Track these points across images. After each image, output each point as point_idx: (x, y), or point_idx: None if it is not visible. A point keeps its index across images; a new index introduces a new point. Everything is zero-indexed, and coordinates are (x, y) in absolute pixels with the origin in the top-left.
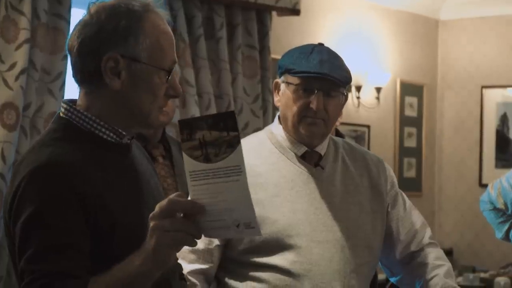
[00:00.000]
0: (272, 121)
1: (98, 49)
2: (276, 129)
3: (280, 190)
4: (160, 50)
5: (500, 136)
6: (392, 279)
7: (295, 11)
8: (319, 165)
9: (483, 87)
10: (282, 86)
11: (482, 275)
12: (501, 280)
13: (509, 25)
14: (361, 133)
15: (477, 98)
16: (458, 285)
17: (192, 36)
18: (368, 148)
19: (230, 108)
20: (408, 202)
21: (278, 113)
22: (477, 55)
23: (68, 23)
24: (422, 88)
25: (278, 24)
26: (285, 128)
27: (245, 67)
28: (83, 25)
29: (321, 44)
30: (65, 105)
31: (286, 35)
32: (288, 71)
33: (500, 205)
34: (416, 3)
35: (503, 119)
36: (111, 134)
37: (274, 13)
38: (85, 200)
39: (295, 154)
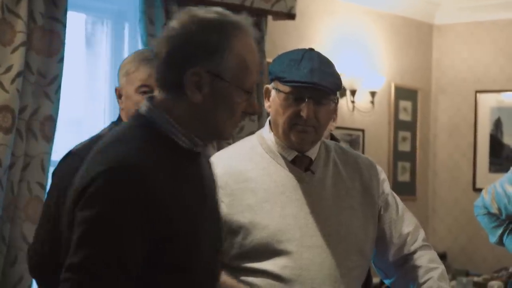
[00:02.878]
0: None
1: (184, 61)
2: (266, 134)
3: (270, 195)
4: (245, 70)
5: (494, 140)
6: (386, 282)
7: (291, 16)
8: (309, 170)
9: (477, 91)
10: (273, 93)
11: (476, 279)
12: (494, 284)
13: (503, 30)
14: (355, 137)
15: (471, 103)
16: None
17: None
18: (363, 152)
19: None
20: (401, 204)
21: (269, 118)
22: (471, 60)
23: (64, 26)
24: (416, 92)
25: (274, 28)
26: (276, 134)
27: None
28: (172, 33)
29: (311, 49)
30: (148, 104)
31: (282, 39)
32: (278, 79)
33: (494, 210)
34: (410, 8)
35: (497, 123)
36: (187, 141)
37: (269, 17)
38: (152, 208)
39: (286, 159)
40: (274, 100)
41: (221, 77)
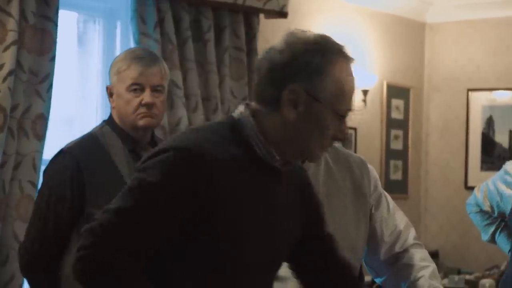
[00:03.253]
0: None
1: (284, 78)
2: None
3: None
4: (341, 95)
5: (486, 139)
6: (378, 280)
7: (283, 14)
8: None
9: (469, 90)
10: None
11: (467, 277)
12: (486, 282)
13: (495, 28)
14: (347, 136)
15: (463, 101)
16: (443, 287)
17: (180, 38)
18: (355, 151)
19: (217, 110)
20: (392, 203)
21: None
22: (463, 58)
23: (56, 24)
24: (409, 90)
25: (266, 26)
26: None
27: (232, 70)
28: (277, 51)
29: None
30: (241, 108)
31: (274, 38)
32: None
33: (486, 207)
34: (402, 7)
35: (489, 122)
36: (264, 152)
37: (261, 16)
38: (201, 196)
39: None
40: None
41: (317, 98)
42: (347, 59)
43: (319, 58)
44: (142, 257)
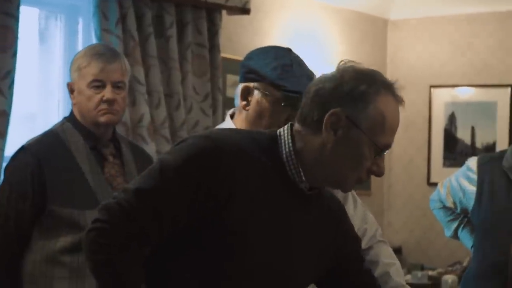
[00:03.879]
0: (222, 119)
1: (329, 102)
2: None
3: None
4: (382, 126)
5: (448, 135)
6: None
7: (245, 10)
8: None
9: (431, 86)
10: (257, 94)
11: (430, 273)
12: (449, 278)
13: (458, 25)
14: None
15: (426, 98)
16: (407, 283)
17: (142, 34)
18: None
19: (180, 106)
20: (358, 200)
21: (229, 112)
22: (425, 55)
23: (17, 21)
24: None
25: (229, 23)
26: None
27: (195, 66)
28: (328, 77)
29: (290, 50)
30: (287, 128)
31: (237, 34)
32: (274, 85)
33: (449, 203)
34: (365, 3)
35: (451, 118)
36: (293, 172)
37: (224, 12)
38: (217, 191)
39: None
40: (258, 102)
41: (357, 124)
42: (395, 96)
43: (366, 87)
44: (151, 243)
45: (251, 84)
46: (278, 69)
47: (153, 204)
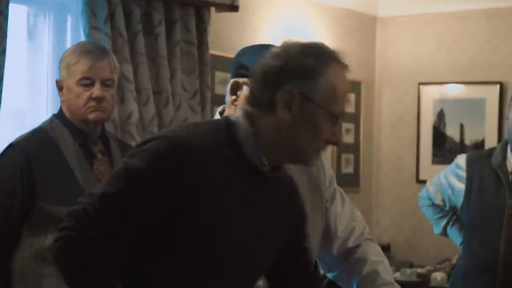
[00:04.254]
0: (211, 116)
1: (279, 80)
2: None
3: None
4: (334, 96)
5: (437, 132)
6: (330, 275)
7: (234, 7)
8: None
9: (420, 83)
10: (246, 89)
11: (419, 270)
12: (438, 275)
13: (446, 22)
14: None
15: (414, 95)
16: (395, 281)
17: (131, 32)
18: None
19: (168, 104)
20: (346, 198)
21: (218, 109)
22: (414, 51)
23: (6, 18)
24: (360, 84)
25: (217, 20)
26: None
27: (183, 63)
28: (274, 56)
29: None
30: (241, 113)
31: (225, 31)
32: None
33: (438, 201)
34: (353, 0)
35: (440, 115)
36: (254, 157)
37: (212, 9)
38: (183, 189)
39: None
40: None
41: (311, 99)
42: (341, 64)
43: (312, 61)
44: (121, 245)
45: (241, 80)
46: None
47: (118, 207)
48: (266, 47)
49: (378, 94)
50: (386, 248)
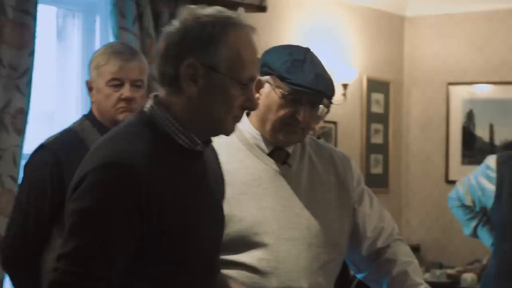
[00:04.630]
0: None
1: (180, 54)
2: (244, 126)
3: (247, 187)
4: (240, 62)
5: (466, 132)
6: (359, 276)
7: (262, 8)
8: (286, 163)
9: (449, 84)
10: (267, 87)
11: (449, 271)
12: (468, 276)
13: (475, 22)
14: (328, 130)
15: (443, 95)
16: (425, 282)
17: (159, 32)
18: (335, 145)
19: None
20: (374, 198)
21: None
22: (443, 52)
23: (35, 19)
24: (389, 84)
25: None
26: (259, 127)
27: None
28: (171, 29)
29: (309, 50)
30: (151, 102)
31: None
32: (281, 78)
33: (468, 202)
34: (382, 0)
35: (469, 116)
36: (186, 140)
37: (241, 10)
38: (145, 206)
39: (263, 151)
40: (268, 95)
41: (215, 69)
42: (242, 27)
43: (211, 29)
44: (117, 279)
45: (263, 78)
46: (288, 63)
47: (99, 253)
48: (292, 47)
49: (406, 94)
50: (415, 249)
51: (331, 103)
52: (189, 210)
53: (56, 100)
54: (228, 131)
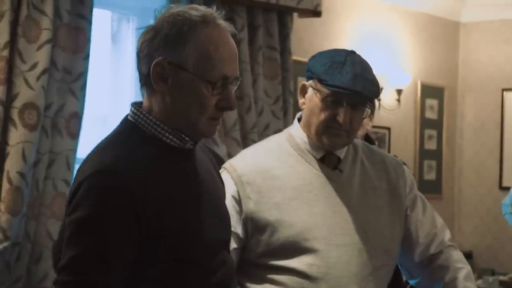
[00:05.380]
0: (293, 122)
1: (151, 53)
2: (295, 131)
3: (298, 193)
4: (209, 61)
5: None
6: (411, 282)
7: (316, 13)
8: (337, 168)
9: (503, 89)
10: (310, 91)
11: (502, 278)
12: None
13: None
14: (381, 135)
15: (498, 101)
16: None
17: None
18: (389, 151)
19: (250, 109)
20: (427, 204)
21: (297, 115)
22: (497, 57)
23: (90, 23)
24: (443, 90)
25: (300, 25)
26: (307, 132)
27: (265, 69)
28: (147, 30)
29: (353, 52)
30: (133, 108)
31: (308, 37)
32: (319, 80)
33: None
34: (436, 5)
35: None
36: (174, 139)
37: (295, 15)
38: (141, 210)
39: (314, 157)
40: (310, 99)
41: (183, 68)
42: (215, 24)
43: (179, 28)
44: (113, 285)
45: (307, 82)
46: (327, 65)
47: (97, 260)
48: (336, 50)
49: (461, 100)
50: (468, 255)
51: (373, 103)
52: (186, 209)
53: (110, 104)
54: (204, 133)
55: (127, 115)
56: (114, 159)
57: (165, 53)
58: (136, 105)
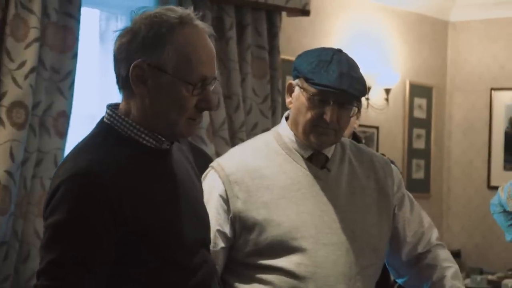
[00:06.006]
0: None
1: (129, 56)
2: (283, 130)
3: (286, 192)
4: (188, 62)
5: (509, 138)
6: (399, 281)
7: (305, 12)
8: (325, 167)
9: (492, 89)
10: (297, 90)
11: (490, 277)
12: (509, 282)
13: None
14: (370, 134)
15: (486, 100)
16: (466, 287)
17: None
18: (377, 150)
19: (239, 108)
20: (414, 203)
21: (285, 114)
22: (486, 57)
23: (78, 22)
24: (431, 89)
25: (288, 24)
26: (294, 131)
27: (254, 68)
28: (123, 32)
29: (340, 51)
30: (108, 110)
31: (296, 36)
32: (306, 79)
33: (510, 208)
34: (425, 5)
35: None
36: (151, 140)
37: (284, 14)
38: (118, 212)
39: (302, 156)
40: (297, 98)
41: (162, 69)
42: (193, 26)
43: (157, 30)
44: (103, 283)
45: (294, 82)
46: (313, 64)
47: (75, 264)
48: (322, 49)
49: (449, 99)
50: (456, 254)
51: (359, 102)
52: (164, 208)
53: (98, 103)
54: (184, 133)
55: (103, 117)
56: (89, 162)
57: (144, 55)
58: (112, 107)
